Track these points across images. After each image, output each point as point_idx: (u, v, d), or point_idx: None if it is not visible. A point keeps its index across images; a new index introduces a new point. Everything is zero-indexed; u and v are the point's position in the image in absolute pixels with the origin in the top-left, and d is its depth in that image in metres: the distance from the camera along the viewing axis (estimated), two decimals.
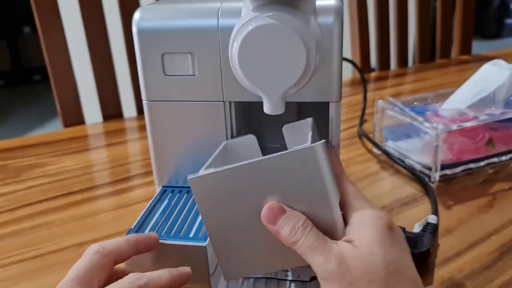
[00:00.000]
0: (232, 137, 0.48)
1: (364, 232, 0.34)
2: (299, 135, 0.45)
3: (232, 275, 0.39)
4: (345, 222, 0.36)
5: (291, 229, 0.34)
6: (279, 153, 0.35)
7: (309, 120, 0.45)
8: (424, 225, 0.53)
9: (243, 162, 0.36)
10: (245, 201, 0.36)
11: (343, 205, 0.37)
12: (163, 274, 0.37)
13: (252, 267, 0.39)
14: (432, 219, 0.54)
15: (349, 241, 0.34)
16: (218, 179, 0.36)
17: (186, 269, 0.39)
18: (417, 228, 0.53)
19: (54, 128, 2.20)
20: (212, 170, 0.36)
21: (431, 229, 0.52)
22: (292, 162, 0.35)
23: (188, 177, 0.36)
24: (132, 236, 0.40)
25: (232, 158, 0.46)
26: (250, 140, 0.47)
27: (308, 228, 0.34)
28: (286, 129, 0.46)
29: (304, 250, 0.34)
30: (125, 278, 0.35)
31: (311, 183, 0.35)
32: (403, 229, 0.50)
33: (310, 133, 0.41)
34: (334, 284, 0.32)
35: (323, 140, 0.36)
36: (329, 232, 0.35)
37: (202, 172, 0.37)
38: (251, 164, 0.35)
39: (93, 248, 0.37)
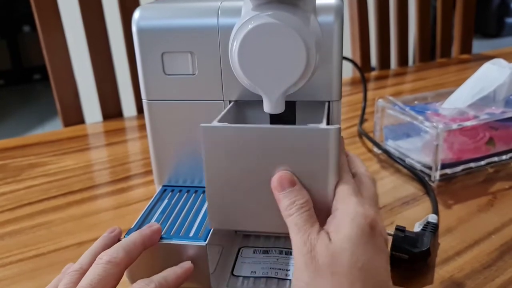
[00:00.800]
0: None
1: (342, 226, 0.35)
2: (312, 115, 0.47)
3: (218, 224, 0.40)
4: (332, 213, 0.37)
5: (291, 203, 0.36)
6: (294, 126, 0.37)
7: (325, 103, 0.45)
8: (425, 225, 0.53)
9: (257, 125, 0.37)
10: (249, 160, 0.38)
11: (335, 195, 0.38)
12: (168, 274, 0.39)
13: (240, 221, 0.40)
14: (432, 218, 0.54)
15: (327, 232, 0.35)
16: (230, 134, 0.37)
17: (187, 263, 0.41)
18: (417, 228, 0.53)
19: (54, 128, 2.20)
20: (226, 124, 0.38)
21: (432, 229, 0.52)
22: (304, 138, 0.36)
23: (201, 125, 0.37)
24: (138, 237, 0.40)
25: (241, 118, 0.47)
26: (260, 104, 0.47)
27: (305, 209, 0.36)
28: (300, 106, 0.47)
29: (291, 226, 0.36)
30: (134, 285, 0.36)
31: (316, 161, 0.37)
32: (403, 229, 0.50)
33: (325, 115, 0.42)
34: (302, 267, 0.34)
35: (338, 126, 0.37)
36: (319, 211, 0.37)
37: (215, 123, 0.38)
38: (265, 129, 0.37)
39: (105, 257, 0.37)
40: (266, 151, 0.37)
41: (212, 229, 0.43)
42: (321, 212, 0.37)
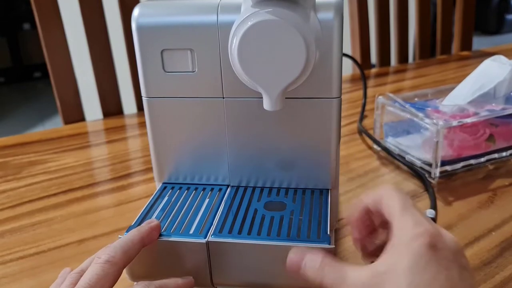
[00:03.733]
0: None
1: (396, 258, 0.32)
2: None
3: None
4: (387, 245, 0.34)
5: (317, 265, 0.35)
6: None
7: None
8: None
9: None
10: None
11: (389, 223, 0.35)
12: (169, 282, 0.39)
13: None
14: (430, 213, 0.54)
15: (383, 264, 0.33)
16: None
17: (189, 278, 0.41)
18: None
19: (55, 125, 2.20)
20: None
21: None
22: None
23: None
24: (136, 234, 0.40)
25: None
26: None
27: (332, 262, 0.35)
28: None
29: (332, 282, 0.34)
30: (135, 286, 0.37)
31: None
32: None
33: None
34: None
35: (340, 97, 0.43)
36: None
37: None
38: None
39: (103, 257, 0.37)
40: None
41: (212, 227, 0.43)
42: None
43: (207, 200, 0.48)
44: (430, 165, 0.65)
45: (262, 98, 0.41)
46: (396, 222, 0.34)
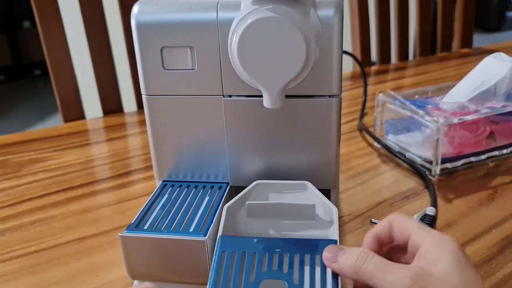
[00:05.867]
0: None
1: (438, 255, 0.33)
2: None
3: None
4: (416, 248, 0.35)
5: (354, 259, 0.35)
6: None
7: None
8: (422, 217, 0.53)
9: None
10: None
11: (410, 236, 0.36)
12: None
13: None
14: (430, 211, 0.54)
15: (422, 268, 0.33)
16: None
17: None
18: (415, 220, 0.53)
19: (55, 123, 2.19)
20: None
21: (429, 221, 0.52)
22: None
23: None
24: None
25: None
26: None
27: (371, 254, 0.35)
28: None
29: (372, 274, 0.34)
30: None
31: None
32: None
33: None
34: None
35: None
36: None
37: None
38: None
39: None
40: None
41: (212, 224, 0.43)
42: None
43: (207, 198, 0.48)
44: (430, 162, 0.65)
45: (262, 95, 0.41)
46: (418, 235, 0.36)
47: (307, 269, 0.37)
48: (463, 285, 0.32)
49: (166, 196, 0.49)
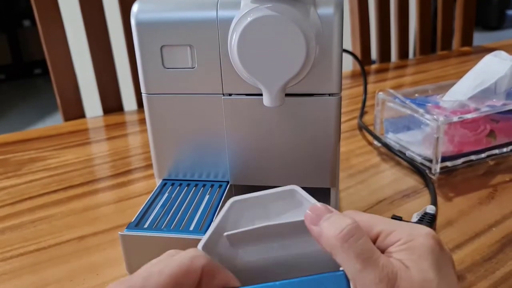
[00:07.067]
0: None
1: (415, 251, 0.30)
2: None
3: None
4: (390, 241, 0.31)
5: (338, 230, 0.30)
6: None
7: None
8: (422, 215, 0.53)
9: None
10: None
11: (379, 231, 0.32)
12: None
13: None
14: (430, 209, 0.54)
15: (400, 260, 0.29)
16: None
17: None
18: (414, 218, 0.53)
19: (55, 122, 2.20)
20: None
21: (429, 219, 0.52)
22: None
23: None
24: None
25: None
26: None
27: (359, 233, 0.30)
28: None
29: (352, 257, 0.29)
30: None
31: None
32: (400, 218, 0.50)
33: None
34: None
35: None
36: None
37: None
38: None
39: None
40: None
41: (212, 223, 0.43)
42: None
43: (207, 197, 0.48)
44: (430, 161, 0.65)
45: (262, 94, 0.41)
46: (390, 223, 0.32)
47: None
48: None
49: (166, 194, 0.49)
